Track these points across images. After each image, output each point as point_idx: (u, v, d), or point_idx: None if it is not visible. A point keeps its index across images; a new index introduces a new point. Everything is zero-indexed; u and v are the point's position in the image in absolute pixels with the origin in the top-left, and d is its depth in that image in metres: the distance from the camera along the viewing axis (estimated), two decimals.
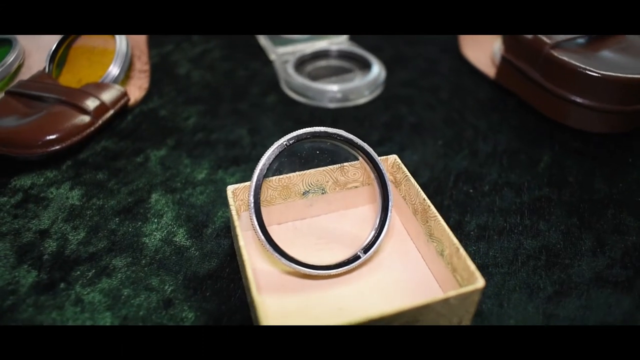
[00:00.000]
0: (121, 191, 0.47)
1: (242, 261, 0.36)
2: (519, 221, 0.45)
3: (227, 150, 0.51)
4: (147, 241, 0.42)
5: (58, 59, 0.57)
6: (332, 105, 0.57)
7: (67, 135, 0.49)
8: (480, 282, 0.33)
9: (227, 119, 0.56)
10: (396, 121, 0.56)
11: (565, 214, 0.45)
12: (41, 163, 0.49)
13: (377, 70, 0.60)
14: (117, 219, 0.44)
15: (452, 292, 0.32)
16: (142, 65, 0.60)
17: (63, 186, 0.47)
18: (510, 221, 0.45)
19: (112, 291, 0.39)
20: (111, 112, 0.52)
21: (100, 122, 0.51)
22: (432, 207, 0.38)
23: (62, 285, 0.39)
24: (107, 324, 0.36)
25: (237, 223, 0.37)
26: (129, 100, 0.55)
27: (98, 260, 0.41)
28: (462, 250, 0.35)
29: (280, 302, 0.38)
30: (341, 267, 0.39)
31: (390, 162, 0.43)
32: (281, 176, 0.41)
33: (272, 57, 0.64)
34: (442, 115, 0.57)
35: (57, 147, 0.49)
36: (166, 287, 0.39)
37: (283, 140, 0.39)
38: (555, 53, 0.52)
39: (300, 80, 0.58)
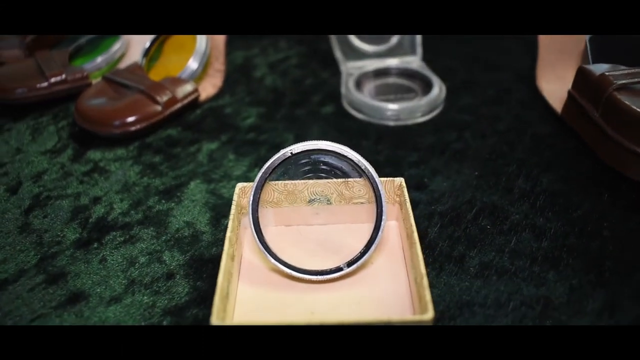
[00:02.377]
0: (168, 174, 0.53)
1: (224, 248, 0.39)
2: (527, 266, 0.43)
3: (268, 151, 0.55)
4: (173, 221, 0.48)
5: (152, 53, 0.65)
6: (383, 123, 0.59)
7: (139, 121, 0.57)
8: (428, 315, 0.33)
9: (280, 123, 0.60)
10: (440, 146, 0.56)
11: (584, 268, 0.42)
12: (115, 141, 0.58)
13: (435, 93, 0.60)
14: (156, 197, 0.51)
15: (394, 317, 0.33)
16: (219, 65, 0.67)
17: (125, 163, 0.55)
18: (517, 264, 0.43)
19: (131, 257, 0.45)
20: (179, 105, 0.59)
21: (168, 112, 0.59)
22: (415, 233, 0.39)
23: (95, 245, 0.46)
24: (118, 282, 0.42)
25: (233, 216, 0.41)
26: (199, 96, 0.61)
27: (129, 229, 0.47)
28: (425, 280, 0.35)
29: (259, 295, 0.41)
30: (323, 275, 0.41)
31: (397, 184, 0.44)
32: (286, 182, 0.44)
33: (342, 69, 0.67)
34: (491, 145, 0.55)
35: (130, 129, 0.57)
36: (174, 262, 0.44)
37: (288, 149, 0.42)
38: (619, 96, 0.48)
39: (356, 95, 0.60)
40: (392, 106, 0.58)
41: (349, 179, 0.44)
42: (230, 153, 0.56)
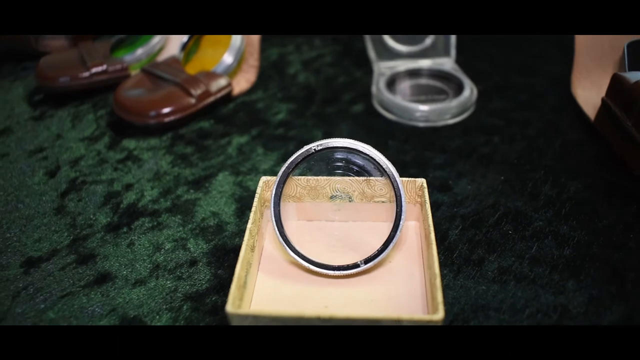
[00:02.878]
0: (198, 165, 0.55)
1: (244, 239, 0.40)
2: (547, 274, 0.42)
3: (297, 147, 0.56)
4: (200, 210, 0.50)
5: (190, 47, 0.67)
6: (412, 123, 0.59)
7: (173, 112, 0.59)
8: (439, 315, 0.33)
9: (310, 120, 0.61)
10: (468, 148, 0.55)
11: (605, 279, 0.42)
12: (150, 131, 0.60)
13: (466, 95, 0.60)
14: (185, 186, 0.52)
15: (404, 316, 0.33)
16: (253, 61, 0.68)
17: (158, 153, 0.57)
18: (537, 271, 0.42)
19: (157, 242, 0.47)
20: (212, 98, 0.61)
21: (201, 105, 0.60)
22: (432, 234, 0.39)
23: (124, 229, 0.48)
24: (144, 266, 0.44)
25: (255, 208, 0.42)
26: (232, 90, 0.63)
27: (157, 216, 0.49)
28: (438, 281, 0.36)
29: (276, 286, 0.42)
30: (339, 270, 0.42)
31: (418, 185, 0.44)
32: (309, 177, 0.45)
33: (375, 69, 0.67)
34: (519, 151, 0.55)
35: (164, 120, 0.59)
36: (198, 250, 0.46)
37: (312, 145, 0.43)
38: None
39: (386, 95, 0.60)
40: (422, 107, 0.58)
41: (371, 178, 0.44)
42: (259, 147, 0.57)
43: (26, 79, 0.70)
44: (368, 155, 0.42)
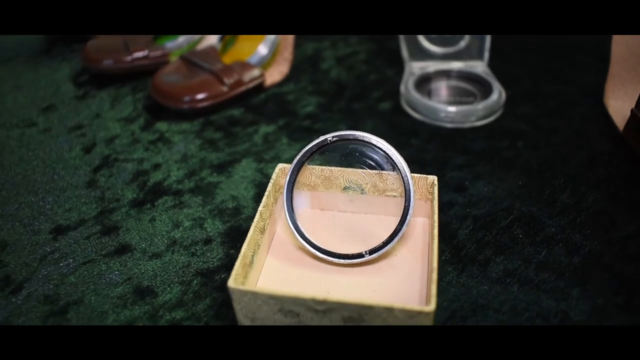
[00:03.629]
0: (224, 150, 0.57)
1: (254, 221, 0.42)
2: (552, 280, 0.42)
3: None
4: (220, 193, 0.52)
5: (228, 38, 0.70)
6: (437, 124, 0.59)
7: (206, 99, 0.61)
8: (430, 307, 0.34)
9: (336, 115, 0.62)
10: (489, 152, 0.55)
11: (612, 290, 0.41)
12: (183, 116, 0.62)
13: (493, 99, 0.60)
14: (210, 170, 0.55)
15: (397, 304, 0.34)
16: (287, 54, 0.70)
17: (188, 136, 0.60)
18: (542, 276, 0.42)
19: (177, 220, 0.49)
20: (244, 87, 0.63)
21: (233, 93, 0.63)
22: (436, 229, 0.39)
23: (148, 205, 0.51)
24: (162, 241, 0.47)
25: (269, 193, 0.44)
26: (264, 81, 0.65)
27: (180, 196, 0.52)
28: (434, 275, 0.36)
29: (284, 269, 0.43)
30: (345, 259, 0.43)
31: (429, 182, 0.45)
32: (323, 167, 0.46)
33: (406, 68, 0.68)
34: (542, 157, 0.54)
35: (197, 106, 0.61)
36: (214, 230, 0.48)
37: (328, 136, 0.44)
38: None
39: (413, 94, 0.61)
40: (447, 108, 0.58)
41: (383, 172, 0.45)
42: (284, 137, 0.59)
43: (73, 61, 0.75)
44: (381, 149, 0.43)
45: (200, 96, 0.61)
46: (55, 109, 0.65)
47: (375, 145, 0.43)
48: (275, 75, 0.68)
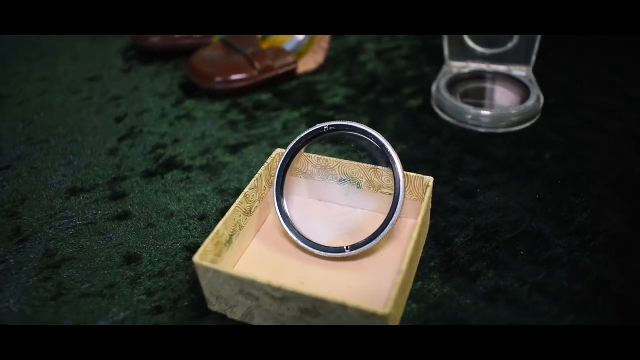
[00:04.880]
0: (243, 132, 0.58)
1: (237, 201, 0.42)
2: (545, 303, 0.38)
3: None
4: (227, 173, 0.52)
5: None
6: (463, 126, 0.56)
7: (236, 81, 0.62)
8: (384, 310, 0.32)
9: (362, 108, 0.60)
10: (511, 161, 0.51)
11: (613, 321, 0.37)
12: (213, 95, 0.64)
13: (528, 105, 0.55)
14: (224, 150, 0.55)
15: (350, 302, 0.33)
16: (324, 43, 0.69)
17: (213, 116, 0.61)
18: (535, 298, 0.39)
19: (180, 194, 0.50)
20: (274, 73, 0.63)
21: (262, 78, 0.63)
22: (415, 236, 0.37)
23: (158, 177, 0.52)
24: (161, 212, 0.48)
25: (259, 176, 0.44)
26: (296, 68, 0.65)
27: (189, 172, 0.53)
28: (400, 277, 0.34)
29: (266, 255, 0.43)
30: (326, 251, 0.42)
31: (425, 183, 0.42)
32: (320, 156, 0.45)
33: (444, 67, 0.64)
34: (568, 172, 0.50)
35: (227, 87, 0.62)
36: (211, 208, 0.48)
37: (325, 124, 0.43)
38: None
39: (442, 93, 0.58)
40: (473, 111, 0.55)
41: (379, 167, 0.44)
42: (303, 125, 0.58)
43: (124, 37, 0.78)
44: (377, 143, 0.42)
45: (229, 78, 0.62)
46: (100, 80, 0.69)
47: (371, 138, 0.42)
48: (310, 63, 0.67)
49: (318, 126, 0.43)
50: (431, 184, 0.42)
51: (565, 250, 0.42)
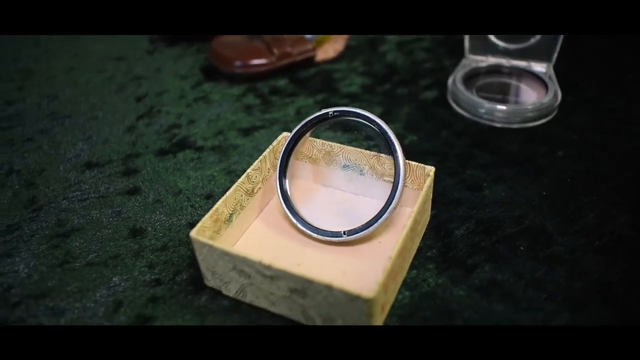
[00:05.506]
0: (256, 116, 0.58)
1: (239, 180, 0.43)
2: (541, 299, 0.38)
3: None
4: (236, 155, 0.53)
5: None
6: (476, 120, 0.55)
7: (254, 66, 0.63)
8: (369, 294, 0.33)
9: (376, 97, 0.60)
10: (522, 156, 0.51)
11: (609, 322, 0.36)
12: (232, 79, 0.65)
13: (544, 101, 0.54)
14: (236, 132, 0.56)
15: (336, 283, 0.33)
16: None
17: (229, 99, 0.62)
18: (530, 294, 0.38)
19: (189, 173, 0.51)
20: (291, 60, 0.64)
21: (279, 64, 0.63)
22: (409, 224, 0.37)
23: (169, 156, 0.54)
24: (170, 189, 0.49)
25: (263, 157, 0.44)
26: (314, 56, 0.65)
27: (200, 152, 0.54)
28: (389, 264, 0.34)
29: (267, 235, 0.44)
30: (323, 235, 0.42)
31: (427, 172, 0.42)
32: (324, 141, 0.45)
33: (463, 60, 0.64)
34: (579, 171, 0.49)
35: (245, 71, 0.63)
36: (218, 187, 0.49)
37: (330, 110, 0.43)
38: None
39: (458, 86, 0.57)
40: (488, 105, 0.54)
41: (381, 155, 0.44)
42: (316, 112, 0.58)
43: None
44: (379, 130, 0.42)
45: (248, 62, 0.63)
46: (125, 60, 0.70)
47: (375, 125, 0.42)
48: (329, 51, 0.67)
49: (323, 111, 0.44)
50: (432, 173, 0.42)
51: (567, 248, 0.42)
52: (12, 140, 0.57)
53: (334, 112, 0.43)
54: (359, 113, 0.42)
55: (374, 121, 0.42)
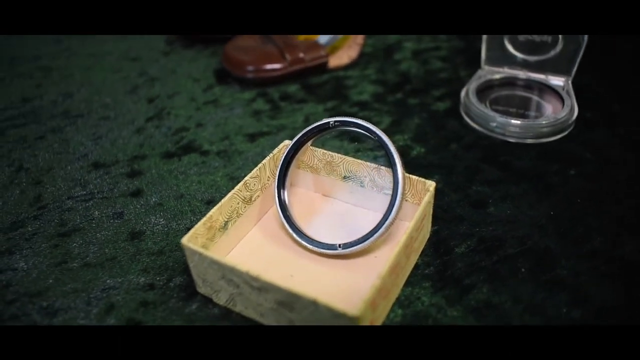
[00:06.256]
0: (264, 122, 0.58)
1: (235, 187, 0.42)
2: (537, 326, 0.36)
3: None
4: (240, 160, 0.53)
5: None
6: (487, 133, 0.54)
7: (266, 71, 0.63)
8: (354, 311, 0.32)
9: (386, 106, 0.59)
10: (532, 173, 0.49)
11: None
12: (243, 84, 0.65)
13: (559, 117, 0.52)
14: (242, 137, 0.56)
15: (321, 299, 0.32)
16: (359, 39, 0.68)
17: (239, 104, 0.61)
18: (526, 319, 0.37)
19: (192, 177, 0.51)
20: (303, 65, 0.63)
21: (291, 69, 0.63)
22: (403, 240, 0.36)
23: (175, 158, 0.54)
24: (171, 192, 0.49)
25: (262, 165, 0.44)
26: (327, 62, 0.64)
27: (205, 156, 0.54)
28: (377, 282, 0.33)
29: (262, 245, 0.43)
30: (317, 246, 0.41)
31: (427, 186, 0.41)
32: (325, 151, 0.45)
33: (479, 71, 0.62)
34: (591, 191, 0.47)
35: (255, 76, 0.63)
36: (220, 193, 0.49)
37: (331, 119, 0.43)
38: None
39: (471, 98, 0.56)
40: (500, 119, 0.53)
41: (382, 167, 0.43)
42: (323, 119, 0.58)
43: None
44: (380, 142, 0.41)
45: (260, 67, 0.63)
46: (140, 61, 0.71)
47: (375, 137, 0.41)
48: (343, 58, 0.67)
49: (324, 120, 0.43)
50: (432, 189, 0.40)
51: (571, 273, 0.40)
52: (25, 137, 0.58)
53: (335, 122, 0.43)
54: (359, 124, 0.42)
55: (375, 132, 0.41)
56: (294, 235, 0.42)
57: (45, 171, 0.53)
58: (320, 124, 0.43)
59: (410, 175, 0.41)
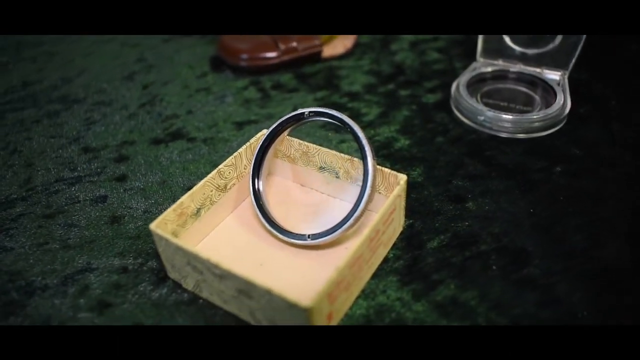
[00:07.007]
0: (253, 110, 0.58)
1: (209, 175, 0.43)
2: (501, 326, 0.36)
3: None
4: (224, 147, 0.53)
5: None
6: (475, 127, 0.53)
7: (259, 59, 0.63)
8: (307, 302, 0.32)
9: (376, 97, 0.59)
10: (517, 169, 0.48)
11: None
12: (237, 72, 0.65)
13: (548, 113, 0.51)
14: (230, 125, 0.56)
15: (275, 290, 0.32)
16: None
17: (230, 92, 0.62)
18: (490, 317, 0.36)
19: (177, 162, 0.52)
20: (296, 55, 0.63)
21: (284, 59, 0.63)
22: (365, 234, 0.36)
23: (163, 145, 0.54)
24: (155, 176, 0.50)
25: (238, 154, 0.44)
26: (321, 51, 0.64)
27: (192, 142, 0.54)
28: (335, 275, 0.33)
29: (236, 233, 0.43)
30: (287, 236, 0.41)
31: (398, 180, 0.40)
32: (301, 141, 0.44)
33: (473, 63, 0.61)
34: (575, 189, 0.45)
35: (249, 65, 0.63)
36: (200, 177, 0.49)
37: (306, 110, 0.42)
38: None
39: (460, 91, 0.55)
40: (489, 113, 0.52)
41: (355, 159, 0.42)
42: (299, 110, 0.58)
43: None
44: (352, 133, 0.40)
45: (253, 55, 0.63)
46: (139, 47, 0.72)
47: (349, 129, 0.41)
48: (338, 47, 0.66)
49: (299, 111, 0.43)
50: (402, 182, 0.40)
51: (543, 272, 0.39)
52: (22, 120, 0.60)
53: (310, 112, 0.42)
54: (332, 115, 0.41)
55: (347, 123, 0.41)
56: (266, 224, 0.42)
57: (37, 154, 0.54)
58: (295, 114, 0.43)
59: (383, 168, 0.41)
